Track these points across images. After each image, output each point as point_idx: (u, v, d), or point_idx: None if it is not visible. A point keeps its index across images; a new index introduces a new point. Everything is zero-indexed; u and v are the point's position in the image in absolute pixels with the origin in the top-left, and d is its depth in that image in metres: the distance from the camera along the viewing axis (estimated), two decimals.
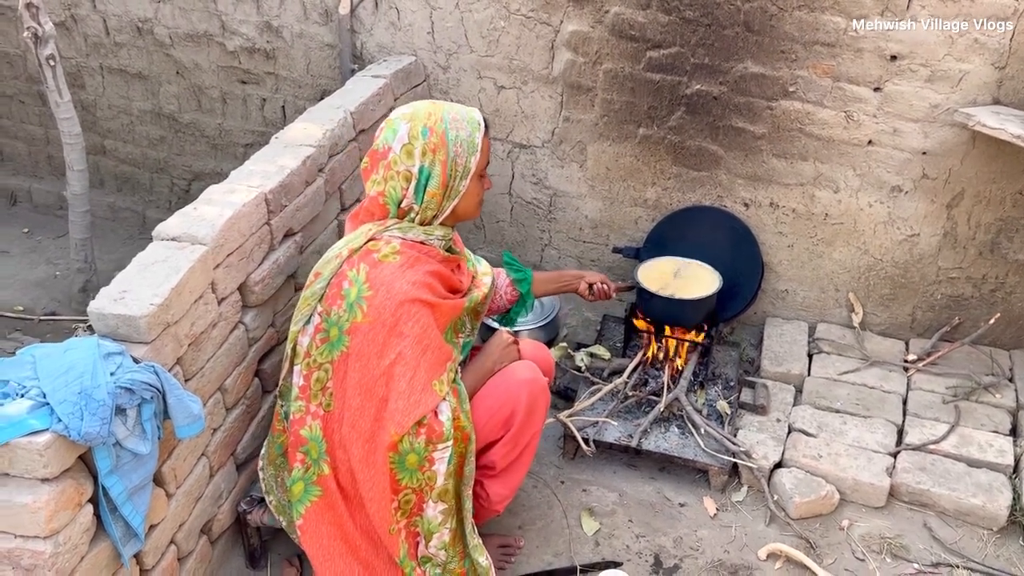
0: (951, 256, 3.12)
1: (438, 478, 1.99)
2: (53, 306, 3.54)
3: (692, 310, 2.90)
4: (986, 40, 2.75)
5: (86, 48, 3.91)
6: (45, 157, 4.33)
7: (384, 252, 1.99)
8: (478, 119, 2.07)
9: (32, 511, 1.61)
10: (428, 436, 1.95)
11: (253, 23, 3.58)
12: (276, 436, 2.23)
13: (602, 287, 2.65)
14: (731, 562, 2.44)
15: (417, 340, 1.95)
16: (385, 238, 2.02)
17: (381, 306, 1.94)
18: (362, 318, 1.94)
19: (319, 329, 2.03)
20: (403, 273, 1.97)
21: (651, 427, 2.77)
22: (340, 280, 2.00)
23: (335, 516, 2.09)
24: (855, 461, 2.65)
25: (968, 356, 3.11)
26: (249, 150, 3.79)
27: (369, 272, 1.97)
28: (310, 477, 2.09)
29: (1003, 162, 2.91)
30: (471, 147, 2.04)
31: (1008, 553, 2.48)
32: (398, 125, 2.03)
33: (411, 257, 2.01)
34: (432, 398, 1.96)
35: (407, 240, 2.04)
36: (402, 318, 1.94)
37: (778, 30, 2.93)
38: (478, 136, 2.05)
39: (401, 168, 2.01)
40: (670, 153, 3.26)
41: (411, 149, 2.00)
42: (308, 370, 2.05)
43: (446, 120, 2.02)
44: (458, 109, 2.07)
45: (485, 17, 3.25)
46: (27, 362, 1.70)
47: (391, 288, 1.94)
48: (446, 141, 2.01)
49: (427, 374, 1.97)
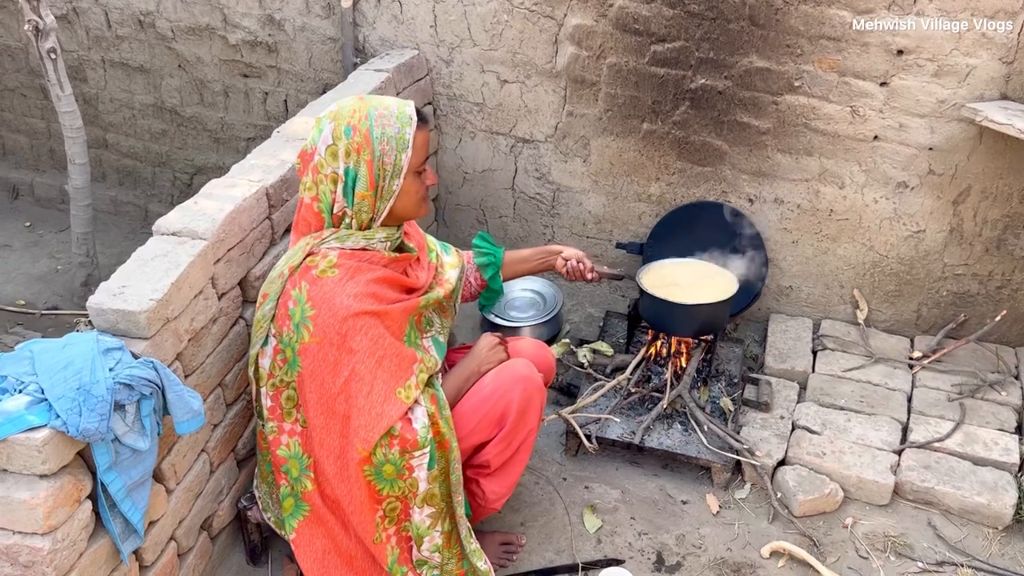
0: (957, 253, 3.10)
1: (419, 484, 1.96)
2: (55, 300, 3.54)
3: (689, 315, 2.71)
4: (993, 35, 2.72)
5: (88, 41, 3.90)
6: (47, 151, 4.32)
7: (322, 267, 1.92)
8: (409, 113, 1.95)
9: (30, 507, 1.60)
10: (402, 446, 1.91)
11: (255, 16, 3.57)
12: (264, 454, 2.20)
13: (577, 266, 2.48)
14: (734, 560, 2.43)
15: (369, 353, 1.90)
16: (322, 251, 1.95)
17: (325, 324, 1.88)
18: (309, 338, 1.89)
19: (277, 350, 1.99)
20: (343, 287, 1.90)
21: (654, 424, 2.76)
22: (286, 300, 1.94)
23: (326, 529, 2.07)
24: (859, 459, 2.64)
25: (974, 353, 3.10)
26: (251, 144, 3.78)
27: (310, 290, 1.90)
28: (296, 494, 2.08)
29: (1010, 158, 2.89)
30: (400, 144, 1.93)
31: (1013, 552, 2.47)
32: (323, 125, 1.94)
33: (350, 268, 1.93)
34: (396, 407, 1.91)
35: (345, 250, 1.96)
36: (348, 333, 1.88)
37: (783, 24, 2.91)
38: (408, 131, 1.93)
39: (328, 171, 1.93)
40: (674, 148, 3.24)
41: (335, 150, 1.91)
42: (275, 390, 2.02)
43: (371, 117, 1.92)
44: (387, 104, 1.96)
45: (488, 10, 3.23)
46: (25, 357, 1.69)
47: (332, 304, 1.88)
48: (371, 139, 1.90)
49: (386, 384, 1.92)
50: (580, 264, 2.48)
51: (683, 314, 2.71)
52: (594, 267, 2.51)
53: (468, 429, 2.10)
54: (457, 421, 2.07)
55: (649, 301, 2.75)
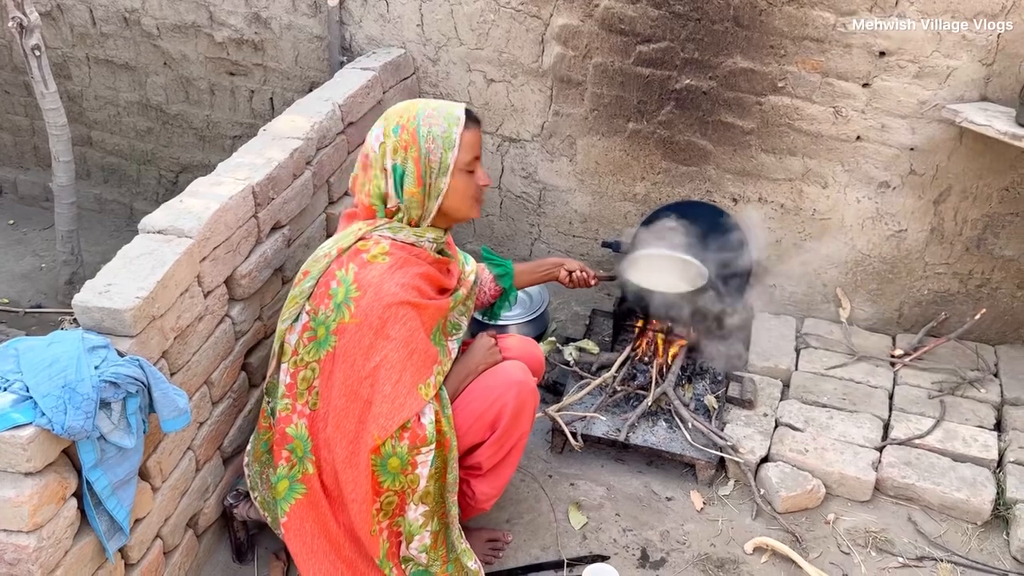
0: (938, 252, 3.13)
1: (420, 481, 1.98)
2: (39, 298, 3.52)
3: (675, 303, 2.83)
4: (974, 37, 2.76)
5: (72, 38, 3.87)
6: (31, 148, 4.29)
7: (373, 252, 1.98)
8: (458, 114, 2.01)
9: (15, 505, 1.60)
10: (411, 441, 1.95)
11: (241, 14, 3.56)
12: (262, 433, 2.22)
13: (581, 275, 2.59)
14: (717, 556, 2.45)
15: (404, 343, 1.94)
16: (375, 238, 2.01)
17: (369, 307, 1.92)
18: (349, 319, 1.93)
19: (307, 328, 2.01)
20: (392, 275, 1.95)
21: (639, 421, 2.78)
22: (328, 279, 1.98)
23: (319, 515, 2.09)
24: (841, 455, 2.66)
25: (954, 351, 3.13)
26: (237, 142, 3.77)
27: (358, 273, 1.95)
28: (295, 475, 2.08)
29: (990, 158, 2.92)
30: (447, 142, 1.98)
31: (991, 547, 2.50)
32: (377, 125, 2.04)
33: (400, 259, 1.99)
34: (417, 402, 1.95)
35: (397, 241, 2.02)
36: (389, 320, 1.93)
37: (767, 25, 2.93)
38: (455, 131, 1.99)
39: (379, 167, 2.01)
40: (659, 148, 3.26)
41: (385, 147, 2.00)
42: (295, 368, 2.04)
43: (419, 116, 1.99)
44: (437, 105, 2.03)
45: (475, 10, 3.23)
46: (10, 355, 1.69)
47: (379, 290, 1.93)
48: (417, 138, 1.97)
49: (412, 378, 1.96)
50: (583, 273, 2.59)
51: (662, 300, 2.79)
52: (596, 274, 2.62)
53: (462, 430, 2.12)
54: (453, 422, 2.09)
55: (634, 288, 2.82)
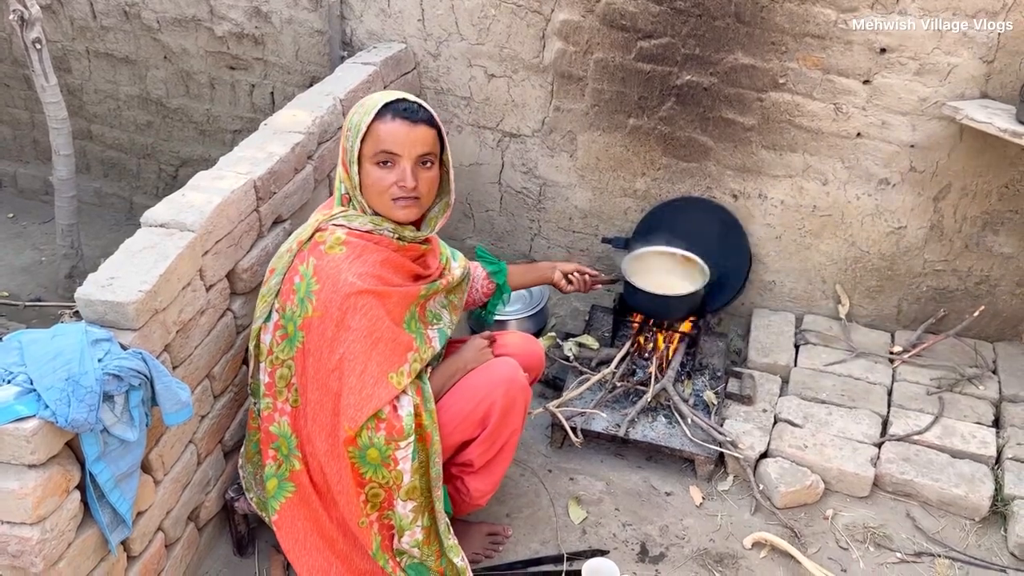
0: (937, 249, 3.14)
1: (404, 476, 1.97)
2: (39, 292, 3.52)
3: (677, 305, 2.91)
4: (975, 34, 2.76)
5: (72, 32, 3.87)
6: (31, 141, 4.28)
7: (329, 243, 1.97)
8: (379, 102, 1.96)
9: (19, 497, 1.60)
10: (388, 432, 1.92)
11: (242, 8, 3.55)
12: (252, 434, 2.22)
13: (581, 277, 2.57)
14: (716, 551, 2.46)
15: (366, 333, 1.92)
16: (330, 228, 2.00)
17: (328, 299, 1.91)
18: (312, 312, 1.92)
19: (278, 326, 2.01)
20: (350, 265, 1.94)
21: (638, 417, 2.78)
22: (292, 275, 1.98)
23: (309, 511, 2.09)
24: (840, 451, 2.67)
25: (952, 348, 3.14)
26: (237, 136, 3.77)
27: (316, 265, 1.94)
28: (283, 473, 2.08)
29: (990, 156, 2.93)
30: (356, 131, 1.96)
31: (989, 543, 2.51)
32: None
33: (358, 247, 1.97)
34: (387, 391, 1.92)
35: (353, 229, 2.00)
36: (349, 311, 1.91)
37: (769, 21, 2.94)
38: (366, 120, 1.95)
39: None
40: (660, 144, 3.26)
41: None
42: (272, 367, 2.04)
43: (357, 105, 2.02)
44: (377, 96, 2.00)
45: (476, 5, 3.23)
46: (14, 348, 1.69)
47: (336, 281, 1.92)
48: (346, 125, 2.02)
49: (379, 367, 1.93)
50: (582, 276, 2.57)
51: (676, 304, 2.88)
52: (596, 277, 2.61)
53: (451, 427, 2.11)
54: (440, 418, 2.08)
55: (636, 292, 2.86)
